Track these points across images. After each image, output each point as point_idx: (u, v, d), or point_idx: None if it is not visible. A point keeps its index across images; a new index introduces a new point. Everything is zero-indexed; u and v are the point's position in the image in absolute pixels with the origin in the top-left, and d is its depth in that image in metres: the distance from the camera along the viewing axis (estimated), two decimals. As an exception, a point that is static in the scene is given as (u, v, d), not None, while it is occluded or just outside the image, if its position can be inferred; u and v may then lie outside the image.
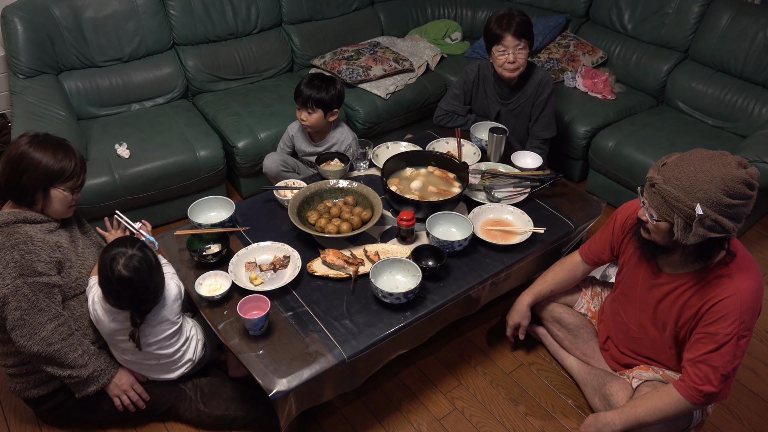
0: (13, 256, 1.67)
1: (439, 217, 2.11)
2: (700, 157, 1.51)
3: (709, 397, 1.63)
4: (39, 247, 1.72)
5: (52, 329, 1.69)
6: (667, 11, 3.28)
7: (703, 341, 1.62)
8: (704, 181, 1.46)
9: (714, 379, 1.60)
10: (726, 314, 1.57)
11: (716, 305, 1.59)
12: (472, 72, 2.76)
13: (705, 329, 1.62)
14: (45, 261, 1.72)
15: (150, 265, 1.66)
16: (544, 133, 2.72)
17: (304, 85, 2.49)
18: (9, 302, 1.65)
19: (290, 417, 1.70)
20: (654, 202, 1.55)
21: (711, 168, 1.47)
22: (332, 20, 3.64)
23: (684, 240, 1.50)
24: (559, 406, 2.14)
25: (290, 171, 2.64)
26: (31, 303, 1.67)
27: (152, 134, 2.85)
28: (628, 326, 1.90)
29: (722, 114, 3.10)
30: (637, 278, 1.83)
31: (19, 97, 2.75)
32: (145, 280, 1.65)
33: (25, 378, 1.83)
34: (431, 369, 2.26)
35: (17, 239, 1.69)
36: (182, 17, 3.17)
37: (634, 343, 1.92)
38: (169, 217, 2.92)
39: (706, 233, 1.47)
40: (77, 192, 1.83)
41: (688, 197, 1.47)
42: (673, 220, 1.51)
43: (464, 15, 4.01)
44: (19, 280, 1.66)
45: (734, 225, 1.48)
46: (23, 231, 1.72)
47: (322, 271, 1.94)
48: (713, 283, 1.62)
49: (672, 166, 1.53)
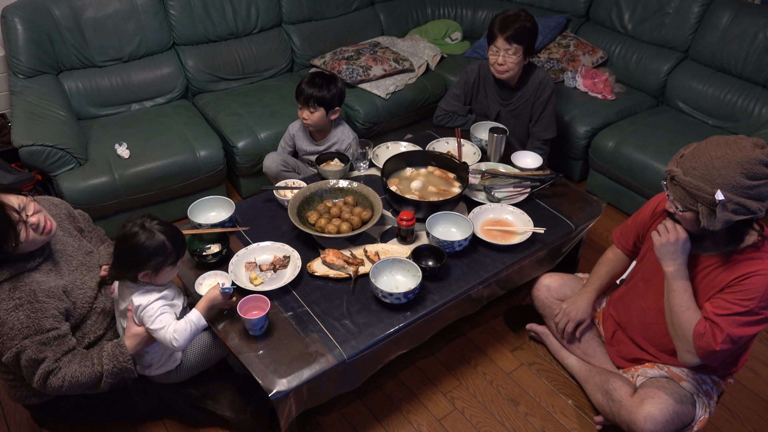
0: (18, 317, 1.59)
1: (439, 217, 2.11)
2: (715, 144, 1.54)
3: (707, 351, 1.63)
4: (44, 302, 1.64)
5: (66, 372, 1.66)
6: (667, 11, 3.28)
7: (717, 304, 1.64)
8: (721, 166, 1.49)
9: (719, 337, 1.61)
10: (750, 289, 1.59)
11: (743, 281, 1.61)
12: (473, 72, 2.76)
13: (725, 296, 1.63)
14: (53, 316, 1.65)
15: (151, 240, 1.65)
16: (545, 134, 2.72)
17: (305, 83, 2.49)
18: (20, 360, 1.62)
19: (290, 417, 1.70)
20: (677, 194, 1.58)
21: (726, 153, 1.50)
22: (332, 20, 3.64)
23: (711, 226, 1.53)
24: (559, 406, 2.14)
25: (290, 171, 2.64)
26: (36, 361, 1.62)
27: (152, 134, 2.85)
28: (645, 312, 1.90)
29: (722, 114, 3.10)
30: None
31: (19, 97, 2.75)
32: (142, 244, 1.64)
33: (26, 388, 1.82)
34: (431, 369, 2.26)
35: (21, 299, 1.61)
36: (182, 17, 3.17)
37: (649, 330, 1.91)
38: (169, 217, 2.91)
39: (732, 217, 1.50)
40: (31, 213, 1.63)
41: (707, 185, 1.50)
42: (698, 209, 1.54)
43: (464, 15, 4.01)
44: (27, 341, 1.60)
45: (760, 205, 1.49)
46: (26, 286, 1.63)
47: (322, 271, 1.94)
48: (743, 263, 1.63)
49: (689, 157, 1.56)
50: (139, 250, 1.63)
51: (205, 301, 1.75)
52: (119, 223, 1.72)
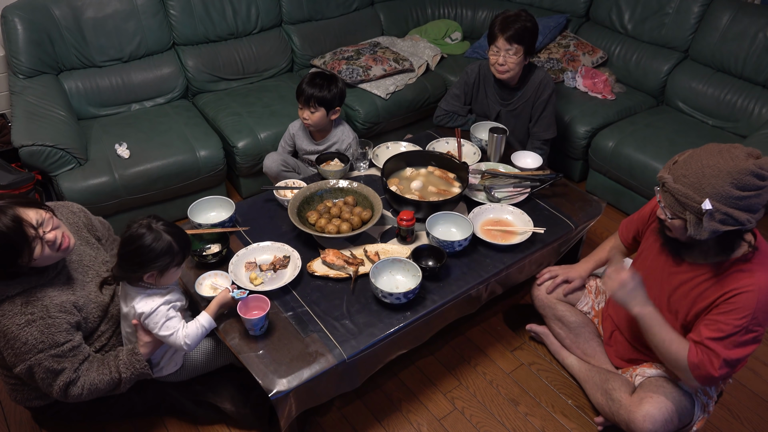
0: (31, 332, 1.59)
1: (439, 217, 2.11)
2: (708, 152, 1.52)
3: (707, 378, 1.63)
4: (57, 317, 1.63)
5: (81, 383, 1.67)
6: (667, 11, 3.28)
7: (711, 327, 1.62)
8: (711, 175, 1.47)
9: (716, 363, 1.60)
10: (740, 307, 1.57)
11: (733, 298, 1.59)
12: (473, 72, 2.76)
13: (715, 317, 1.62)
14: (66, 330, 1.65)
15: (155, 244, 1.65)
16: (545, 134, 2.72)
17: (306, 83, 2.49)
18: (34, 374, 1.63)
19: (290, 417, 1.70)
20: (667, 201, 1.57)
21: (718, 162, 1.48)
22: (332, 20, 3.64)
23: (698, 235, 1.51)
24: (559, 406, 2.14)
25: (290, 171, 2.64)
26: (54, 372, 1.63)
27: (152, 134, 2.85)
28: None
29: (722, 114, 3.10)
30: (657, 264, 1.83)
31: (19, 97, 2.75)
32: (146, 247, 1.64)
33: (28, 390, 1.82)
34: (431, 369, 2.26)
35: (33, 314, 1.60)
36: (182, 17, 3.17)
37: (642, 334, 1.91)
38: (169, 217, 2.91)
39: (719, 227, 1.48)
40: (49, 229, 1.61)
41: (696, 193, 1.49)
42: (686, 217, 1.53)
43: (464, 15, 4.01)
44: (41, 355, 1.61)
45: (749, 216, 1.48)
46: (39, 301, 1.62)
47: (322, 271, 1.94)
48: (733, 276, 1.61)
49: (681, 164, 1.55)
50: (146, 252, 1.63)
51: (215, 304, 1.76)
52: (119, 223, 1.72)
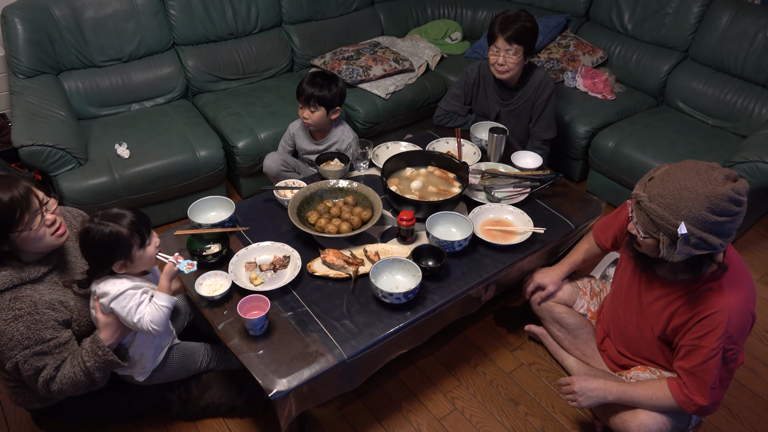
0: (18, 328, 1.58)
1: (439, 217, 2.11)
2: (686, 171, 1.48)
3: (700, 409, 1.63)
4: (44, 314, 1.62)
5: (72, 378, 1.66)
6: (667, 11, 3.28)
7: (692, 353, 1.62)
8: (689, 198, 1.43)
9: (705, 391, 1.61)
10: (713, 330, 1.57)
11: (704, 320, 1.59)
12: (473, 72, 2.76)
13: (693, 342, 1.62)
14: (53, 327, 1.63)
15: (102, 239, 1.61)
16: (545, 134, 2.72)
17: (306, 83, 2.49)
18: (20, 371, 1.62)
19: (290, 417, 1.70)
20: (640, 219, 1.53)
21: (696, 185, 1.44)
22: (332, 20, 3.64)
23: (670, 257, 1.48)
24: (559, 406, 2.14)
25: (290, 171, 2.64)
26: (37, 369, 1.62)
27: (152, 134, 2.85)
28: (625, 326, 1.90)
29: (722, 114, 3.10)
30: (634, 277, 1.83)
31: (19, 97, 2.75)
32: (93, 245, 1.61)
33: (28, 393, 1.82)
34: (431, 369, 2.26)
35: (21, 309, 1.59)
36: (182, 17, 3.17)
37: (630, 343, 1.91)
38: (169, 217, 2.92)
39: (692, 251, 1.45)
40: (46, 212, 1.61)
41: (672, 215, 1.45)
42: (659, 238, 1.49)
43: (464, 15, 4.01)
44: (27, 351, 1.60)
45: (722, 241, 1.45)
46: (27, 297, 1.61)
47: (322, 271, 1.94)
48: (702, 296, 1.60)
49: (658, 182, 1.50)
50: (96, 246, 1.60)
51: (165, 280, 1.70)
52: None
